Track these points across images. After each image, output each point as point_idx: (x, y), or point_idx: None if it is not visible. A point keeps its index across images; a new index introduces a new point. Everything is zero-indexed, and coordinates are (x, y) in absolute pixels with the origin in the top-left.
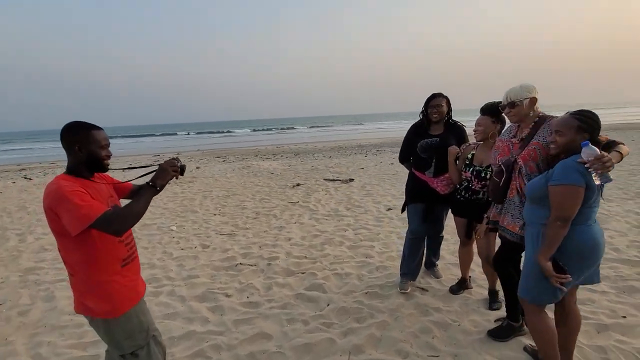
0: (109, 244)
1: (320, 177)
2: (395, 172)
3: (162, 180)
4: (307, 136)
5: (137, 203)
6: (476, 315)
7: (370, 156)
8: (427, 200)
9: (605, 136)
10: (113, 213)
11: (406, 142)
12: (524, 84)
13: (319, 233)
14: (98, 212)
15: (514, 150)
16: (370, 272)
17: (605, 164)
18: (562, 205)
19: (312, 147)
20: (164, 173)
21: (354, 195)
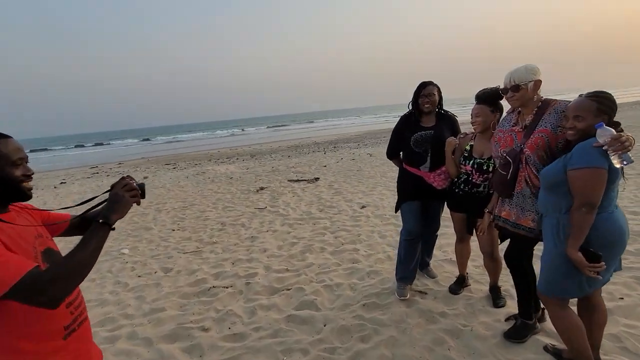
0: (40, 311)
1: (284, 178)
2: (359, 168)
3: (118, 213)
4: (258, 137)
5: (82, 251)
6: (485, 316)
7: (329, 153)
8: (422, 197)
9: None
10: (44, 273)
11: (396, 136)
12: (529, 65)
13: (296, 240)
14: (16, 273)
15: (517, 139)
16: (362, 280)
17: (624, 143)
18: (586, 190)
19: (267, 147)
20: (119, 203)
21: (324, 195)
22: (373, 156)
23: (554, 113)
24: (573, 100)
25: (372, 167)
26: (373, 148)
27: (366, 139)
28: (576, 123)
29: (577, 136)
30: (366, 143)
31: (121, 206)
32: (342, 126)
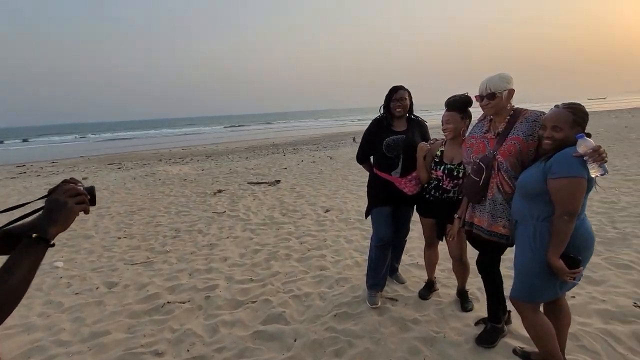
0: None
1: (243, 180)
2: (320, 171)
3: (59, 225)
4: (213, 137)
5: (10, 276)
6: (455, 321)
7: (289, 155)
8: (393, 203)
9: None
10: None
11: (367, 140)
12: (503, 74)
13: (259, 247)
14: None
15: (490, 146)
16: (331, 288)
17: (602, 154)
18: (568, 199)
19: (223, 147)
20: (60, 212)
21: (286, 199)
22: (334, 159)
23: (526, 122)
24: (549, 111)
25: (334, 170)
26: (333, 151)
27: (325, 142)
28: (554, 133)
29: (554, 146)
30: (325, 146)
31: (63, 216)
32: (300, 128)
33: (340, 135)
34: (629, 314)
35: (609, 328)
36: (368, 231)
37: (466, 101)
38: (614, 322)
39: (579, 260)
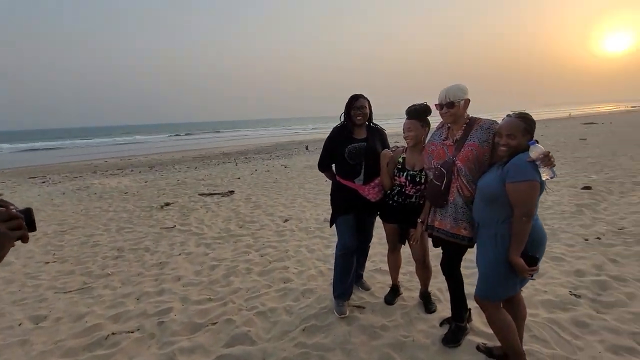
0: None
1: (193, 192)
2: (276, 180)
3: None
4: (156, 146)
5: None
6: (421, 324)
7: (241, 164)
8: (357, 210)
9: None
10: None
11: (329, 148)
12: (460, 84)
13: (216, 262)
14: None
15: (449, 152)
16: (297, 301)
17: (551, 159)
18: (525, 201)
19: (169, 157)
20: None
21: (242, 210)
22: (288, 168)
23: (480, 129)
24: (503, 120)
25: (289, 178)
26: (286, 159)
27: (277, 150)
28: (509, 141)
29: (509, 152)
30: (278, 154)
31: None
32: (251, 137)
33: (293, 144)
34: (567, 302)
35: (553, 317)
36: (329, 239)
37: (425, 110)
38: (557, 311)
39: (537, 258)
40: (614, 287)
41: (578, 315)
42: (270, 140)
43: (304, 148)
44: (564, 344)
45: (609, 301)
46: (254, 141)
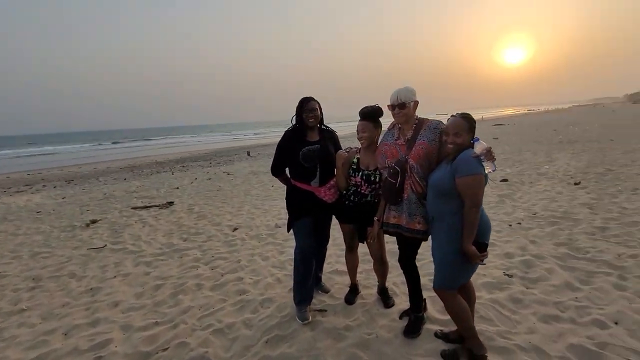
0: None
1: (124, 206)
2: (219, 188)
3: None
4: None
5: None
6: (383, 319)
7: (178, 173)
8: (314, 212)
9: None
10: None
11: (282, 151)
12: (409, 87)
13: (160, 281)
14: None
15: (402, 151)
16: (256, 312)
17: (492, 154)
18: (475, 193)
19: (90, 169)
20: None
21: (185, 221)
22: (231, 174)
23: (429, 129)
24: (450, 120)
25: (233, 186)
26: (228, 166)
27: (217, 157)
28: (456, 139)
29: (456, 149)
30: (219, 161)
31: None
32: (186, 144)
33: (233, 150)
34: (503, 282)
35: (493, 297)
36: (283, 245)
37: (378, 111)
38: (495, 291)
39: (486, 244)
40: (536, 264)
41: (513, 293)
42: (209, 147)
43: (246, 154)
44: (505, 320)
45: (534, 277)
46: (189, 148)
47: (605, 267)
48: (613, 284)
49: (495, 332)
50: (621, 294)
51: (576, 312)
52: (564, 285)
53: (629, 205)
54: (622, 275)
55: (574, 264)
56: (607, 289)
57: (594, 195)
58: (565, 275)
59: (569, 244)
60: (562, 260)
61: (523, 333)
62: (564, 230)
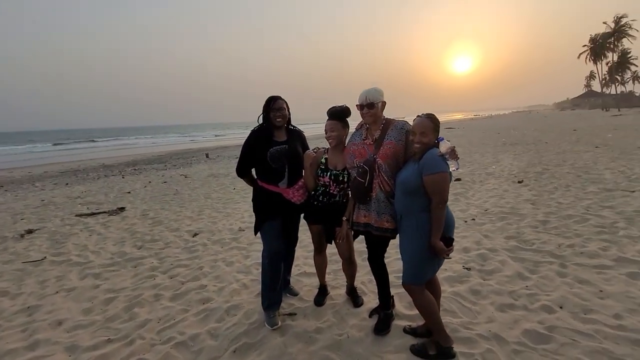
0: None
1: (67, 213)
2: (176, 192)
3: None
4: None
5: None
6: (353, 319)
7: (129, 177)
8: (282, 214)
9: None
10: None
11: (248, 151)
12: (377, 88)
13: (112, 294)
14: None
15: (370, 151)
16: (221, 321)
17: (456, 153)
18: (441, 190)
19: (24, 173)
20: None
21: (138, 228)
22: (189, 177)
23: (395, 129)
24: (416, 120)
25: (192, 189)
26: (185, 169)
27: (173, 160)
28: (422, 138)
29: (422, 148)
30: (174, 164)
31: None
32: (138, 146)
33: (190, 152)
34: (462, 275)
35: (455, 290)
36: (248, 249)
37: (346, 111)
38: (457, 284)
39: (452, 239)
40: (490, 257)
41: (472, 285)
42: (163, 149)
43: (204, 156)
44: (467, 312)
45: (489, 269)
46: (142, 150)
47: (548, 257)
48: (556, 272)
49: (458, 323)
50: (563, 280)
51: (527, 299)
52: (516, 275)
53: (563, 201)
54: (563, 263)
55: (522, 255)
56: (551, 276)
57: (535, 192)
58: (516, 266)
59: (517, 237)
60: (512, 252)
61: (483, 323)
62: (512, 225)
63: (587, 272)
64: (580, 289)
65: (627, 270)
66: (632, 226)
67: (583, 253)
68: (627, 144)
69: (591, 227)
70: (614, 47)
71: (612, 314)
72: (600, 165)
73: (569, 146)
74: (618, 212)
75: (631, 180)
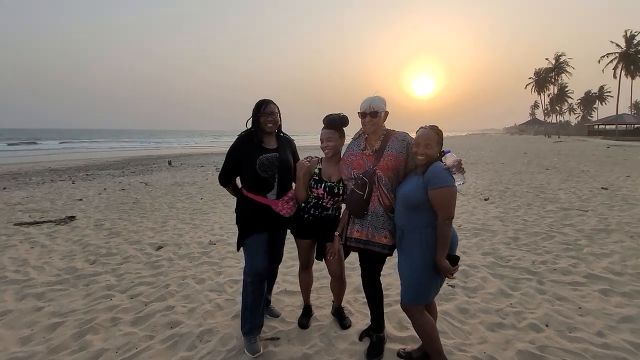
0: None
1: (4, 221)
2: (136, 201)
3: None
4: None
5: None
6: (342, 342)
7: (80, 183)
8: (269, 228)
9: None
10: None
11: (234, 159)
12: (381, 97)
13: (58, 319)
14: None
15: (369, 162)
16: (193, 349)
17: (462, 167)
18: (448, 205)
19: None
20: None
21: (92, 240)
22: (150, 185)
23: (396, 140)
24: (419, 131)
25: (154, 198)
26: (146, 176)
27: (131, 166)
28: (427, 150)
29: (426, 160)
30: (133, 170)
31: None
32: (90, 150)
33: (151, 159)
34: (448, 293)
35: (443, 308)
36: (220, 264)
37: (344, 120)
38: (444, 303)
39: (458, 258)
40: (472, 274)
41: (459, 303)
42: (121, 154)
43: (167, 163)
44: (458, 332)
45: (473, 286)
46: (96, 155)
47: (525, 274)
48: (535, 289)
49: (452, 345)
50: (543, 297)
51: (515, 317)
52: (499, 292)
53: (528, 218)
54: (540, 280)
55: (501, 272)
56: (532, 293)
57: (501, 210)
58: (498, 283)
59: (493, 254)
60: (491, 269)
61: (476, 343)
62: (486, 241)
63: (563, 289)
64: (561, 305)
65: (598, 287)
66: (593, 244)
67: (556, 270)
68: (571, 167)
69: (557, 244)
70: (554, 81)
71: (595, 332)
72: (554, 186)
73: (523, 167)
74: (578, 230)
75: (582, 200)
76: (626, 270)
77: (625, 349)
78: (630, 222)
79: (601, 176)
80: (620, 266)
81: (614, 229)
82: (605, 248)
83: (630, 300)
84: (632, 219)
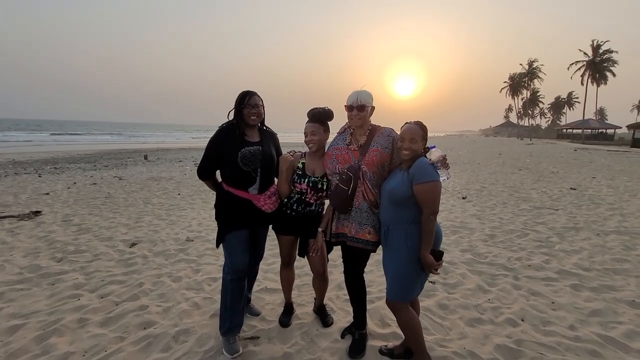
0: None
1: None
2: (108, 195)
3: None
4: None
5: None
6: (323, 340)
7: (47, 176)
8: (250, 224)
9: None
10: None
11: (214, 152)
12: (368, 91)
13: (19, 321)
14: None
15: (354, 157)
16: (168, 351)
17: (447, 162)
18: (433, 200)
19: None
20: None
21: (58, 236)
22: (124, 180)
23: (382, 136)
24: (405, 126)
25: (128, 193)
26: (120, 170)
27: (104, 160)
28: (412, 145)
29: (411, 155)
30: (106, 164)
31: None
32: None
33: (126, 153)
34: (428, 290)
35: (424, 305)
36: (197, 262)
37: (329, 114)
38: (425, 299)
39: (442, 253)
40: (451, 270)
41: (439, 299)
42: (93, 148)
43: (142, 157)
44: (439, 328)
45: (452, 282)
46: (65, 147)
47: (502, 270)
48: (511, 285)
49: (432, 340)
50: (519, 292)
51: (492, 313)
52: (477, 288)
53: (504, 216)
54: (516, 276)
55: (479, 268)
56: (508, 289)
57: (478, 208)
58: (476, 279)
59: (471, 250)
60: (469, 265)
61: (456, 339)
62: (464, 238)
63: (537, 284)
64: (535, 300)
65: (569, 282)
66: (563, 241)
67: (530, 266)
68: (542, 168)
69: (531, 241)
70: (527, 86)
71: (567, 325)
72: (527, 186)
73: (498, 167)
74: (550, 228)
75: (553, 199)
76: (594, 266)
77: (595, 341)
78: (597, 221)
79: (570, 177)
80: (589, 262)
81: (582, 227)
82: (574, 245)
83: (598, 294)
84: (598, 217)
